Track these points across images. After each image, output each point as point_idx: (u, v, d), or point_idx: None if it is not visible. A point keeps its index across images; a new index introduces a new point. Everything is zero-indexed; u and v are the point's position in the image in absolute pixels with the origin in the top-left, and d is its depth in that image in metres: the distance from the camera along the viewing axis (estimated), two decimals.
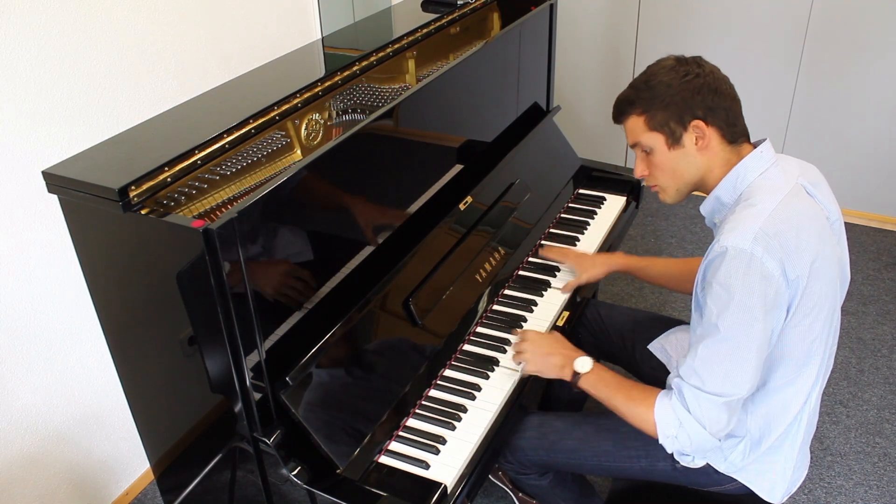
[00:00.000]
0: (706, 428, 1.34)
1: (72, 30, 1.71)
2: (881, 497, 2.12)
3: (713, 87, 1.36)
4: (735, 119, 1.39)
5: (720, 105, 1.37)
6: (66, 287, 1.85)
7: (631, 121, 1.44)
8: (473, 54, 1.88)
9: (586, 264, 1.92)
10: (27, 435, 1.84)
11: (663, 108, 1.38)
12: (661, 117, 1.39)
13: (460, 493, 1.41)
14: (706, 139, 1.38)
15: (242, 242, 1.22)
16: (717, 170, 1.41)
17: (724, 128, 1.38)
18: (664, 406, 1.38)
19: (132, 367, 1.54)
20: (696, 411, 1.34)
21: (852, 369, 2.56)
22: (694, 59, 1.41)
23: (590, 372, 1.50)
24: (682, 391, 1.35)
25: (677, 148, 1.40)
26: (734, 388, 1.32)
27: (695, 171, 1.42)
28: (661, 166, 1.44)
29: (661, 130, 1.40)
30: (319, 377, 1.42)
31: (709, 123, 1.37)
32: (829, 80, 3.19)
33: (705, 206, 1.47)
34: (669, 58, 1.42)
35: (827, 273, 1.35)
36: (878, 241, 3.25)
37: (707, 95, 1.36)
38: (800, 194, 1.37)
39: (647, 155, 1.45)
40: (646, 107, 1.40)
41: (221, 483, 1.60)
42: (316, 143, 1.60)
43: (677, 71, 1.38)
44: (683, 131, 1.38)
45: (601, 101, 3.68)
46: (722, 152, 1.40)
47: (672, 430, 1.37)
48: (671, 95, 1.37)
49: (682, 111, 1.37)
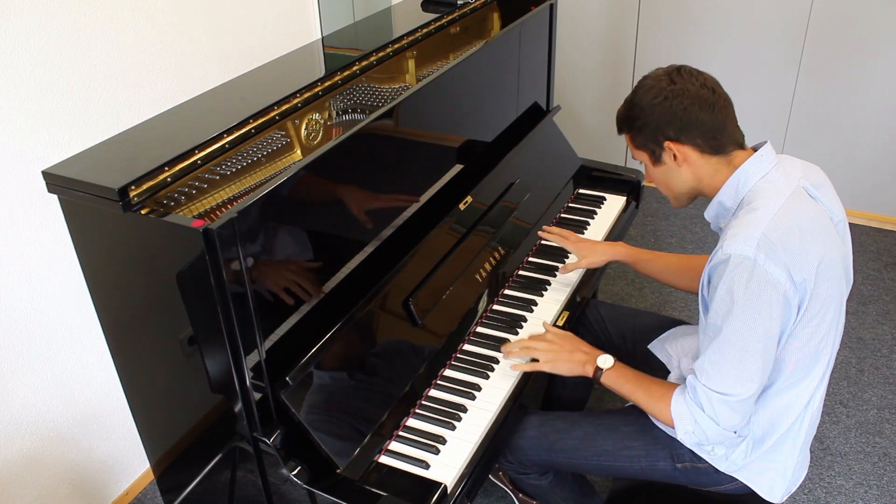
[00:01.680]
0: (719, 424, 1.37)
1: (72, 30, 1.71)
2: (881, 497, 2.12)
3: (683, 104, 1.36)
4: (715, 132, 1.38)
5: (695, 122, 1.37)
6: (66, 287, 1.85)
7: (626, 137, 1.51)
8: (473, 54, 1.88)
9: (586, 250, 1.91)
10: (27, 435, 1.84)
11: (639, 131, 1.44)
12: (640, 139, 1.45)
13: (460, 493, 1.41)
14: (682, 156, 1.41)
15: (242, 242, 1.22)
16: (707, 179, 1.43)
17: (700, 143, 1.39)
18: (679, 403, 1.42)
19: (132, 367, 1.54)
20: (709, 409, 1.37)
21: (852, 369, 2.56)
22: (670, 73, 1.40)
23: (612, 368, 1.55)
24: (695, 389, 1.39)
25: (660, 165, 1.46)
26: (741, 389, 1.34)
27: (683, 183, 1.46)
28: (655, 179, 1.51)
29: (644, 149, 1.46)
30: (319, 377, 1.42)
31: (682, 142, 1.39)
32: (829, 80, 3.19)
33: (709, 212, 1.49)
34: (654, 72, 1.44)
35: (833, 275, 1.35)
36: (878, 241, 3.25)
37: (677, 114, 1.37)
38: (802, 197, 1.37)
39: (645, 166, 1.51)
40: (629, 127, 1.47)
41: (221, 483, 1.60)
42: (316, 143, 1.60)
43: (653, 91, 1.40)
44: (661, 151, 1.43)
45: (601, 101, 3.67)
46: (706, 165, 1.41)
47: (689, 427, 1.41)
48: (644, 118, 1.41)
49: (655, 132, 1.41)
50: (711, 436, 1.39)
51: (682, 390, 1.43)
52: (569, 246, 1.94)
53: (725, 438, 1.41)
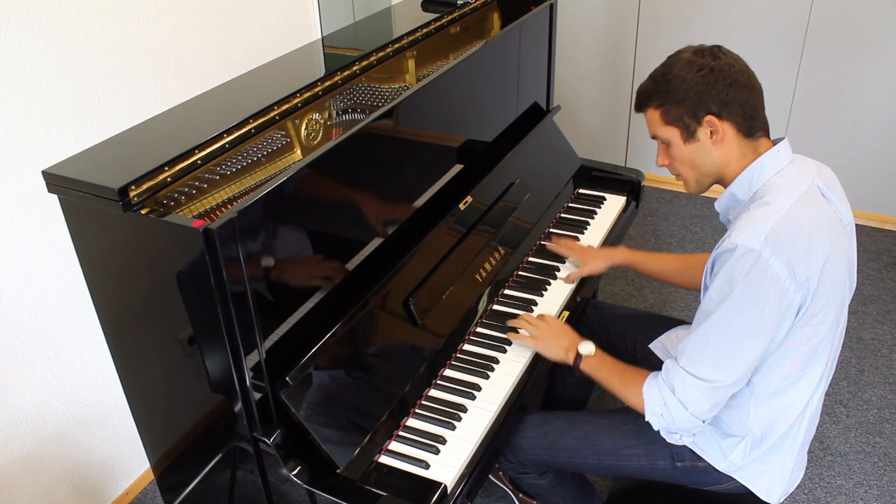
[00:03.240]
0: (688, 409, 1.38)
1: (72, 29, 1.71)
2: (881, 497, 2.12)
3: (729, 80, 1.35)
4: (753, 112, 1.37)
5: (736, 99, 1.35)
6: (66, 287, 1.85)
7: (649, 113, 1.45)
8: (473, 54, 1.88)
9: (588, 257, 1.96)
10: (27, 435, 1.84)
11: (677, 103, 1.38)
12: (675, 112, 1.39)
13: (460, 493, 1.41)
14: (720, 133, 1.38)
15: (242, 242, 1.22)
16: (733, 163, 1.41)
17: (739, 122, 1.37)
18: (651, 385, 1.43)
19: (132, 366, 1.54)
20: (680, 392, 1.38)
21: (852, 369, 2.56)
22: (712, 49, 1.39)
23: (592, 356, 1.57)
24: (670, 371, 1.40)
25: (693, 142, 1.41)
26: (719, 376, 1.35)
27: (711, 164, 1.42)
28: (680, 158, 1.45)
29: (677, 125, 1.40)
30: (319, 377, 1.42)
31: (723, 118, 1.37)
32: (829, 80, 3.19)
33: (720, 203, 1.47)
34: (688, 49, 1.41)
35: (837, 276, 1.35)
36: (878, 241, 3.25)
37: (721, 90, 1.35)
38: (815, 195, 1.37)
39: (666, 147, 1.46)
40: (662, 101, 1.41)
41: (221, 483, 1.60)
42: (316, 142, 1.60)
43: (692, 64, 1.37)
44: (698, 126, 1.38)
45: (601, 101, 3.67)
46: (738, 146, 1.39)
47: (658, 409, 1.42)
48: (685, 90, 1.36)
49: (696, 106, 1.37)
50: (679, 420, 1.39)
51: (656, 373, 1.45)
52: (573, 256, 1.97)
53: (693, 426, 1.40)
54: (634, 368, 1.52)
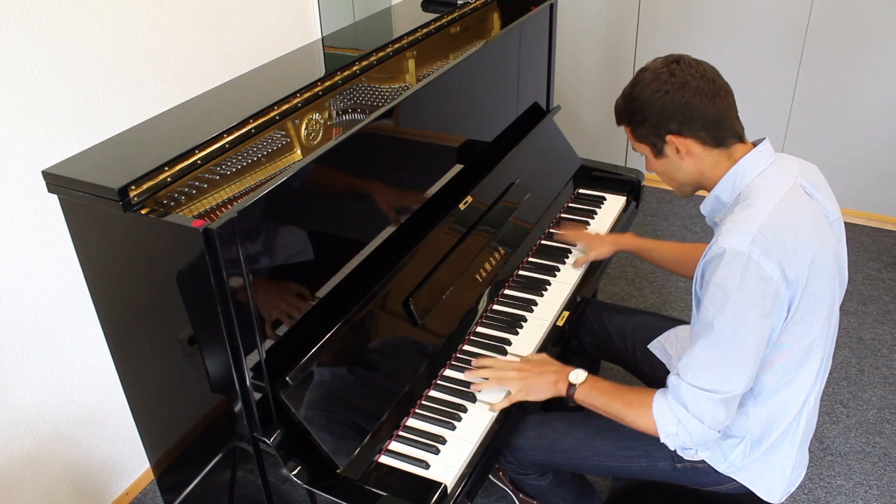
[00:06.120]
0: (704, 423, 1.36)
1: (72, 30, 1.71)
2: (881, 497, 2.12)
3: (685, 97, 1.35)
4: (716, 124, 1.37)
5: (694, 115, 1.36)
6: (66, 287, 1.85)
7: (624, 129, 1.49)
8: (473, 54, 1.88)
9: (595, 242, 2.01)
10: (27, 435, 1.84)
11: (640, 124, 1.42)
12: (641, 132, 1.43)
13: (460, 493, 1.41)
14: (685, 149, 1.40)
15: (242, 242, 1.22)
16: (708, 172, 1.42)
17: (703, 136, 1.38)
18: (661, 405, 1.39)
19: (132, 366, 1.54)
20: (694, 408, 1.35)
21: (852, 369, 2.56)
22: (674, 63, 1.38)
23: (584, 382, 1.50)
24: (678, 389, 1.37)
25: (662, 157, 1.45)
26: (729, 386, 1.33)
27: (685, 175, 1.45)
28: (657, 170, 1.49)
29: (646, 142, 1.45)
30: (319, 377, 1.42)
31: (684, 135, 1.38)
32: (829, 80, 3.19)
33: (705, 206, 1.48)
34: (654, 63, 1.41)
35: (825, 273, 1.35)
36: (878, 241, 3.25)
37: (679, 108, 1.35)
38: (798, 194, 1.37)
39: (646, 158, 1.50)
40: (629, 120, 1.45)
41: (221, 483, 1.60)
42: (316, 142, 1.60)
43: (652, 85, 1.38)
44: (664, 144, 1.41)
45: (601, 101, 3.67)
46: (708, 157, 1.40)
47: (672, 428, 1.38)
48: (645, 112, 1.39)
49: (657, 127, 1.39)
50: (696, 436, 1.37)
51: (663, 392, 1.41)
52: (582, 240, 2.02)
53: (710, 439, 1.39)
54: (636, 389, 1.47)
